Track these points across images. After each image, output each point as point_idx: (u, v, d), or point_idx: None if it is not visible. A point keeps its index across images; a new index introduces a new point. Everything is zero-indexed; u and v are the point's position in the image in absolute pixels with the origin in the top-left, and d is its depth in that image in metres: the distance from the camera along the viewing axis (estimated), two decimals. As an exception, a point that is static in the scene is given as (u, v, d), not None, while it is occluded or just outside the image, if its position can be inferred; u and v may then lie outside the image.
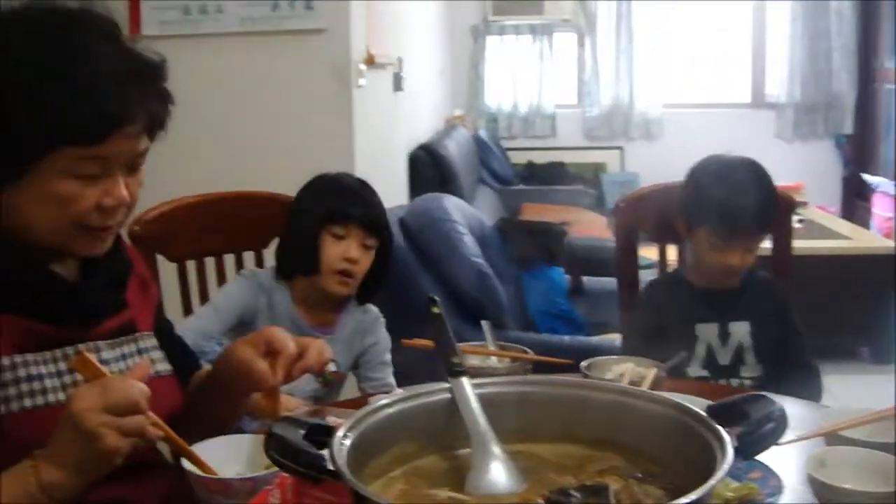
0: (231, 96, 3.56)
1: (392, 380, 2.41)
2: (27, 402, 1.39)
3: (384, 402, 1.23)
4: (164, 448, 1.70)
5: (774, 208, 2.46)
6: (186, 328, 2.13)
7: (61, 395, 1.43)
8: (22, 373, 1.40)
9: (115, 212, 1.42)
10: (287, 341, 1.57)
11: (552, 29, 7.63)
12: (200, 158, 3.50)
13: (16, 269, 1.41)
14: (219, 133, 3.56)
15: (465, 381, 1.25)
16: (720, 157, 2.50)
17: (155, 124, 1.46)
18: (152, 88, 1.44)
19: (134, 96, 1.38)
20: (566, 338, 3.66)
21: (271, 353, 1.57)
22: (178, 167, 3.37)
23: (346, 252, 2.27)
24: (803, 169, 6.87)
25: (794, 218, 2.95)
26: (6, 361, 1.38)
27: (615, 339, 3.20)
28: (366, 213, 2.31)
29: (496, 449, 1.19)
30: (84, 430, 1.21)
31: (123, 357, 1.55)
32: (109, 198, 1.39)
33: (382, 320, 2.44)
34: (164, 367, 1.64)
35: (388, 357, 2.43)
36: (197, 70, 3.50)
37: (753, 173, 2.43)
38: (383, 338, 2.43)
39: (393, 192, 4.52)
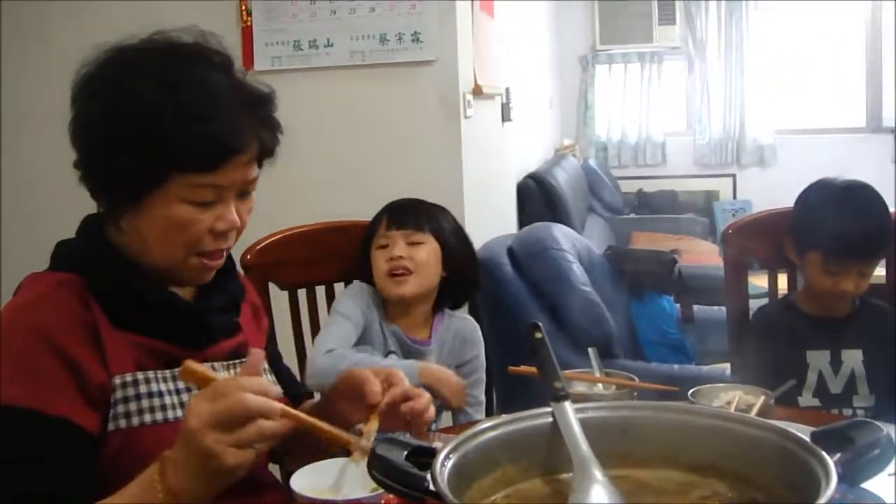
0: (341, 128, 3.64)
1: (484, 398, 2.43)
2: (147, 418, 1.45)
3: (487, 424, 1.24)
4: (275, 469, 1.75)
5: (889, 232, 2.40)
6: (325, 339, 2.24)
7: (180, 412, 1.48)
8: (143, 389, 1.46)
9: (226, 236, 1.49)
10: (405, 381, 1.60)
11: (661, 56, 7.58)
12: (312, 189, 3.58)
13: (140, 290, 1.48)
14: (329, 164, 3.63)
15: (568, 406, 1.26)
16: (832, 181, 2.46)
17: (264, 153, 1.52)
18: (263, 118, 1.50)
19: (247, 126, 1.45)
20: (675, 367, 3.62)
21: (388, 384, 1.59)
22: (290, 198, 3.46)
23: (389, 254, 2.34)
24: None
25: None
26: (129, 378, 1.45)
27: (725, 367, 3.15)
28: (408, 218, 2.38)
29: (598, 473, 1.18)
30: (201, 450, 1.21)
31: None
32: (222, 222, 1.46)
33: (480, 332, 2.46)
34: (275, 389, 1.67)
35: (483, 375, 2.44)
36: (308, 103, 3.59)
37: (866, 196, 2.39)
38: (482, 352, 2.45)
39: (502, 221, 4.54)
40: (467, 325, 2.45)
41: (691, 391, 1.83)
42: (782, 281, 2.65)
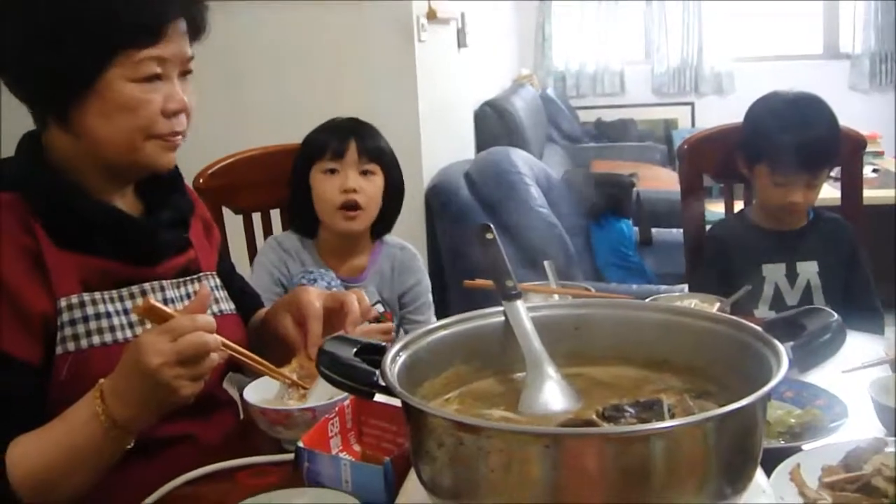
0: (294, 53, 3.59)
1: (435, 320, 2.40)
2: (96, 340, 1.43)
3: (439, 324, 1.23)
4: (227, 385, 1.74)
5: (836, 142, 2.40)
6: None
7: (129, 333, 1.46)
8: (90, 311, 1.44)
9: (178, 118, 1.47)
10: (314, 304, 1.59)
11: (618, -15, 7.53)
12: (265, 114, 3.55)
13: (84, 208, 1.46)
14: (283, 89, 3.59)
15: (520, 304, 1.25)
16: (780, 93, 2.45)
17: (195, 29, 1.51)
18: None
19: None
20: (634, 286, 3.63)
21: (301, 318, 1.59)
22: (243, 124, 3.43)
23: (343, 184, 2.24)
24: (879, 120, 6.69)
25: (868, 167, 2.88)
26: (75, 300, 1.42)
27: (683, 288, 3.17)
28: (358, 142, 2.27)
29: (550, 370, 1.18)
30: (161, 384, 1.25)
31: (188, 296, 1.58)
32: (172, 102, 1.45)
33: (420, 258, 2.42)
34: (227, 305, 1.67)
35: (430, 298, 2.41)
36: (260, 29, 3.54)
37: (813, 107, 2.39)
38: (424, 277, 2.41)
39: (459, 147, 4.51)
40: (405, 253, 2.39)
41: (647, 299, 1.83)
42: (739, 206, 2.65)
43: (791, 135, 2.30)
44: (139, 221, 1.54)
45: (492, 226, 1.35)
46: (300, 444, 1.29)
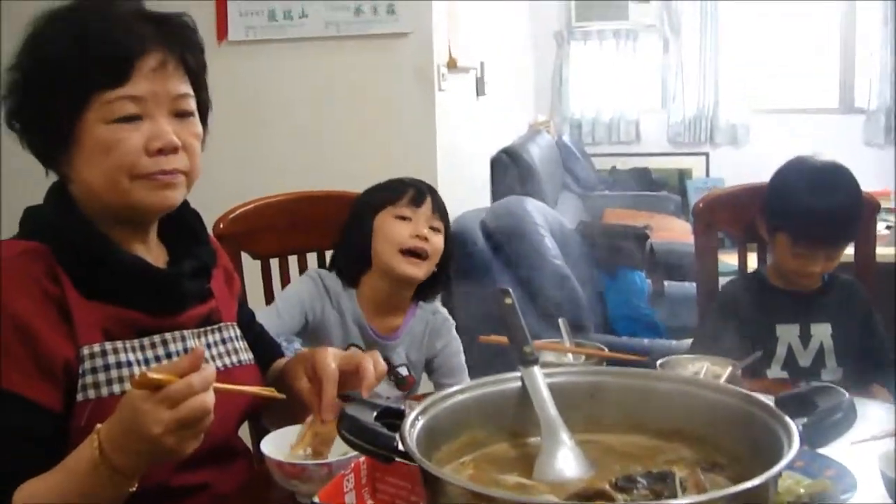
0: (315, 99, 3.63)
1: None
2: (116, 388, 1.44)
3: (456, 388, 1.25)
4: (244, 435, 1.76)
5: (860, 217, 2.41)
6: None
7: None
8: (111, 360, 1.45)
9: (167, 157, 1.46)
10: (330, 367, 1.55)
11: (636, 34, 7.58)
12: (285, 160, 3.58)
13: (108, 257, 1.48)
14: (303, 135, 3.63)
15: (537, 370, 1.27)
16: (806, 161, 2.46)
17: (187, 68, 1.51)
18: (168, 31, 1.49)
19: (146, 36, 1.45)
20: (646, 341, 3.64)
21: (317, 378, 1.57)
22: (263, 168, 3.47)
23: (415, 230, 2.26)
24: (893, 175, 6.71)
25: (881, 224, 2.89)
26: (97, 348, 1.44)
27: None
28: (434, 198, 2.32)
29: (565, 437, 1.20)
30: (164, 449, 1.25)
31: (208, 346, 1.60)
32: (157, 140, 1.44)
33: (452, 323, 2.44)
34: (246, 356, 1.69)
35: (461, 360, 2.42)
36: (282, 74, 3.59)
37: (840, 180, 2.39)
38: (454, 340, 2.42)
39: (475, 195, 4.54)
40: (437, 317, 2.41)
41: (660, 361, 1.85)
42: (752, 260, 2.67)
43: (816, 208, 2.31)
44: (162, 272, 1.56)
45: (510, 290, 1.37)
46: (315, 500, 1.30)
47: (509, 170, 5.11)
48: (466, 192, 4.28)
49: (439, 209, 2.32)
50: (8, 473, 1.34)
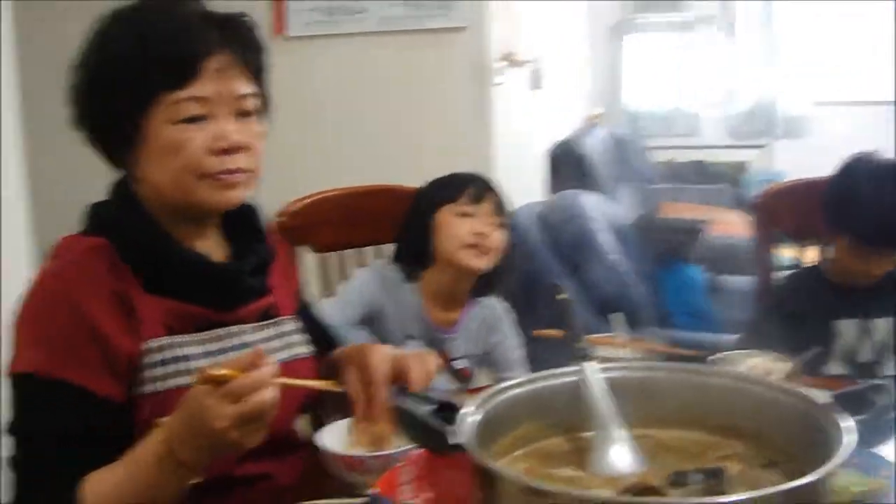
0: (371, 94, 3.66)
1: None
2: (178, 382, 1.47)
3: (511, 383, 1.27)
4: (300, 427, 1.79)
5: None
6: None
7: None
8: (173, 353, 1.49)
9: (231, 156, 1.48)
10: (380, 370, 1.58)
11: (695, 26, 7.51)
12: (343, 154, 3.62)
13: (169, 254, 1.51)
14: (360, 130, 3.66)
15: (591, 365, 1.28)
16: (871, 159, 2.37)
17: (250, 69, 1.53)
18: (231, 33, 1.51)
19: (211, 36, 1.47)
20: (702, 335, 3.62)
21: (367, 379, 1.59)
22: (321, 162, 3.50)
23: (476, 227, 2.27)
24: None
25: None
26: (159, 343, 1.48)
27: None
28: (495, 196, 2.33)
29: (618, 431, 1.22)
30: (228, 443, 1.28)
31: (266, 340, 1.62)
32: (220, 140, 1.47)
33: (510, 317, 2.45)
34: (302, 349, 1.71)
35: (519, 354, 2.43)
36: (339, 69, 3.62)
37: None
38: (512, 335, 2.44)
39: (530, 189, 4.55)
40: (495, 312, 2.43)
41: (714, 356, 1.84)
42: (811, 255, 2.63)
43: (882, 212, 2.24)
44: (223, 268, 1.59)
45: (564, 284, 1.39)
46: (371, 491, 1.33)
47: (565, 163, 5.10)
48: (522, 186, 4.28)
49: (500, 205, 2.34)
50: (76, 464, 1.37)
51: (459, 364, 2.33)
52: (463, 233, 2.27)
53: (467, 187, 2.32)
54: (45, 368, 1.40)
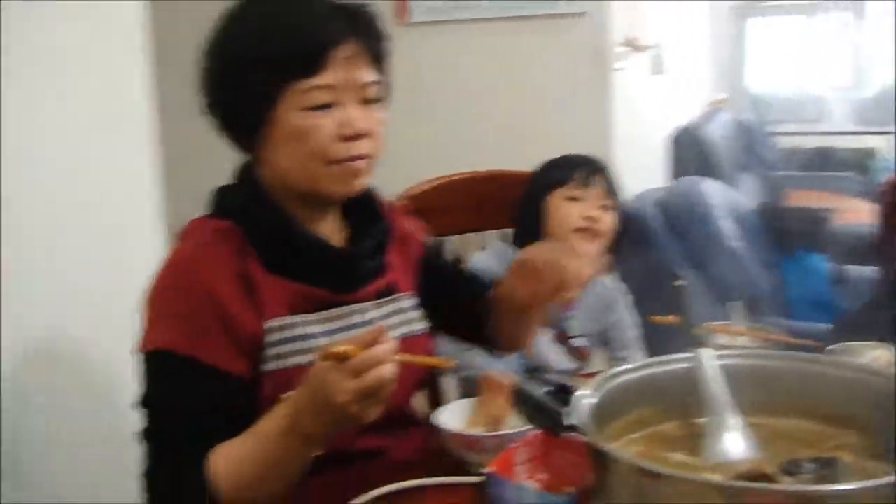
0: (492, 79, 3.68)
1: (640, 355, 2.42)
2: (299, 359, 1.53)
3: (627, 367, 1.29)
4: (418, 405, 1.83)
5: None
6: None
7: None
8: (295, 332, 1.54)
9: (355, 143, 1.53)
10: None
11: (822, 7, 7.32)
12: (463, 139, 3.65)
13: (291, 237, 1.56)
14: (480, 114, 3.68)
15: (707, 352, 1.29)
16: None
17: (374, 57, 1.57)
18: (358, 22, 1.55)
19: (340, 26, 1.52)
20: (824, 325, 3.56)
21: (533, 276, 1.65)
22: (442, 147, 3.54)
23: (585, 211, 2.30)
24: None
25: None
26: (282, 322, 1.54)
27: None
28: (604, 178, 2.34)
29: (733, 419, 1.23)
30: (348, 416, 1.32)
31: (385, 317, 1.67)
32: (346, 126, 1.51)
33: (626, 297, 2.46)
34: (419, 325, 1.74)
35: (635, 334, 2.45)
36: (459, 54, 3.66)
37: None
38: (627, 315, 2.45)
39: (651, 175, 4.52)
40: (611, 292, 2.45)
41: (835, 346, 1.82)
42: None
43: None
44: (342, 252, 1.63)
45: (683, 271, 1.39)
46: (487, 469, 1.36)
47: (687, 149, 5.05)
48: (643, 172, 4.27)
49: (610, 187, 2.35)
50: (204, 438, 1.44)
51: (577, 342, 2.35)
52: (572, 217, 2.30)
53: (577, 171, 2.34)
54: (176, 346, 1.47)
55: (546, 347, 2.28)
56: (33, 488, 2.03)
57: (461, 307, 1.85)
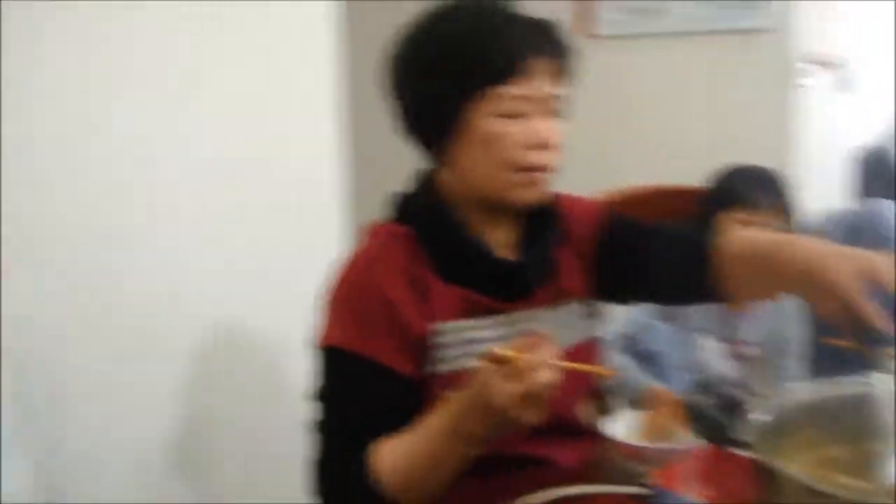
0: (674, 93, 3.64)
1: (801, 373, 2.34)
2: (467, 363, 1.54)
3: (803, 388, 1.28)
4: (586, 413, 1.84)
5: None
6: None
7: None
8: (464, 336, 1.58)
9: (542, 153, 1.55)
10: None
11: None
12: (644, 152, 3.62)
13: (463, 246, 1.60)
14: (663, 129, 3.65)
15: (882, 377, 1.27)
16: None
17: (563, 72, 1.59)
18: (549, 37, 1.58)
19: (537, 39, 1.55)
20: None
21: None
22: (624, 159, 3.53)
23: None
24: None
25: None
26: (450, 326, 1.58)
27: None
28: (778, 191, 2.30)
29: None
30: (508, 420, 1.34)
31: (556, 322, 1.66)
32: (534, 136, 1.54)
33: (798, 310, 2.40)
34: (588, 332, 1.74)
35: (804, 348, 2.38)
36: (644, 68, 3.64)
37: None
38: (798, 328, 2.39)
39: (837, 196, 4.39)
40: (784, 303, 2.38)
41: None
42: None
43: None
44: (512, 265, 1.64)
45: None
46: (652, 481, 1.36)
47: (876, 170, 4.87)
48: (828, 193, 4.15)
49: (784, 204, 2.32)
50: (373, 433, 1.50)
51: (748, 350, 2.32)
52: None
53: (751, 190, 2.31)
54: (352, 344, 1.54)
55: (714, 354, 2.26)
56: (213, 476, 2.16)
57: (669, 261, 1.70)
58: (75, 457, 1.86)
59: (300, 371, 1.68)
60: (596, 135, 3.49)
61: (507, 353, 1.34)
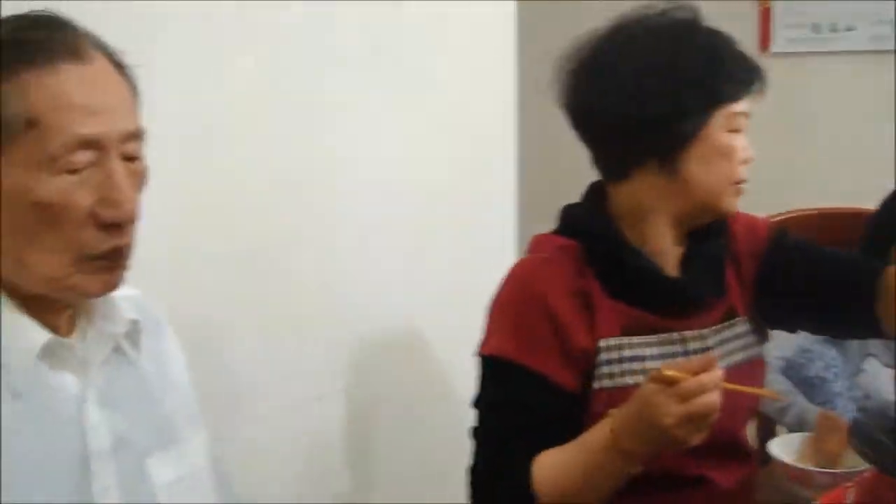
0: (850, 112, 3.53)
1: None
2: (630, 380, 1.57)
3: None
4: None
5: None
6: None
7: None
8: (627, 353, 1.58)
9: (746, 168, 1.61)
10: None
11: None
12: (821, 173, 3.51)
13: (627, 263, 1.60)
14: (839, 149, 3.55)
15: None
16: None
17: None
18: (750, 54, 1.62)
19: (754, 62, 1.60)
20: None
21: None
22: (803, 178, 3.46)
23: None
24: None
25: None
26: (614, 342, 1.58)
27: None
28: None
29: None
30: (671, 439, 1.36)
31: (720, 343, 1.66)
32: (745, 151, 1.60)
33: None
34: (753, 351, 1.73)
35: None
36: (821, 87, 3.55)
37: None
38: None
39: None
40: None
41: None
42: None
43: None
44: (674, 282, 1.65)
45: None
46: (816, 506, 1.33)
47: None
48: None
49: None
50: (530, 442, 1.52)
51: None
52: None
53: None
54: (513, 354, 1.56)
55: (881, 378, 2.18)
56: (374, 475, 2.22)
57: (834, 285, 1.69)
58: (244, 446, 1.92)
59: (466, 378, 1.70)
60: (773, 153, 3.41)
61: (675, 373, 1.35)
